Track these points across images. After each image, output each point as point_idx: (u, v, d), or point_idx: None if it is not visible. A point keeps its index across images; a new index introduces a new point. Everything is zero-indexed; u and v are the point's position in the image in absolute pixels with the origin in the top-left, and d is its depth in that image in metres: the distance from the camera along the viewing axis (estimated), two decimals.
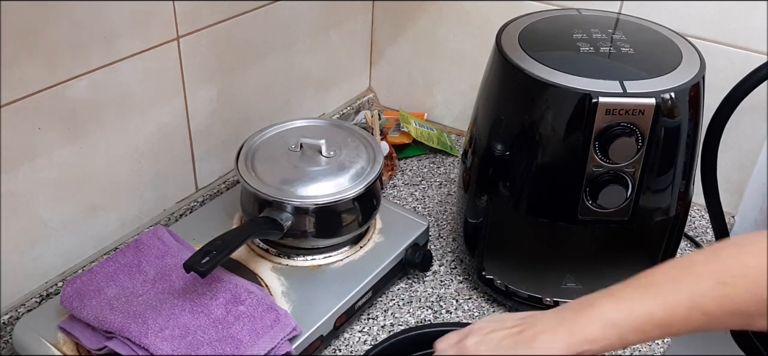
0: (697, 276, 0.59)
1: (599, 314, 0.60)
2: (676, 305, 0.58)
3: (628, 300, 0.60)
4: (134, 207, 0.97)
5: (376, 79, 1.39)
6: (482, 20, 1.19)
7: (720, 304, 0.58)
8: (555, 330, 0.63)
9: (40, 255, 0.87)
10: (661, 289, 0.60)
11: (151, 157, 0.96)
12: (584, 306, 0.62)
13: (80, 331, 0.78)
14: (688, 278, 0.59)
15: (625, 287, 0.61)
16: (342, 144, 0.94)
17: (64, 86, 0.81)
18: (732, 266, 0.59)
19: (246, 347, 0.76)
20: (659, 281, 0.60)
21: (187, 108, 0.99)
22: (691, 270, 0.60)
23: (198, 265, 0.75)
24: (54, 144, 0.83)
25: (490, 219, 0.90)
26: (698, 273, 0.59)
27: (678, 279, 0.59)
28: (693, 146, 0.84)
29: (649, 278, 0.61)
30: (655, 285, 0.60)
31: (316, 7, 1.15)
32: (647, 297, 0.60)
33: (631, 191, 0.82)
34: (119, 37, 0.86)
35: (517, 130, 0.84)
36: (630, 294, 0.60)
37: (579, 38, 0.87)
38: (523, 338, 0.64)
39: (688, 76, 0.80)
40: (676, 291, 0.59)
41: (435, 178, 1.22)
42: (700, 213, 1.14)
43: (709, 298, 0.58)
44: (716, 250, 0.61)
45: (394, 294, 0.97)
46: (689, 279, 0.59)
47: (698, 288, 0.58)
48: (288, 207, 0.88)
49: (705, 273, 0.59)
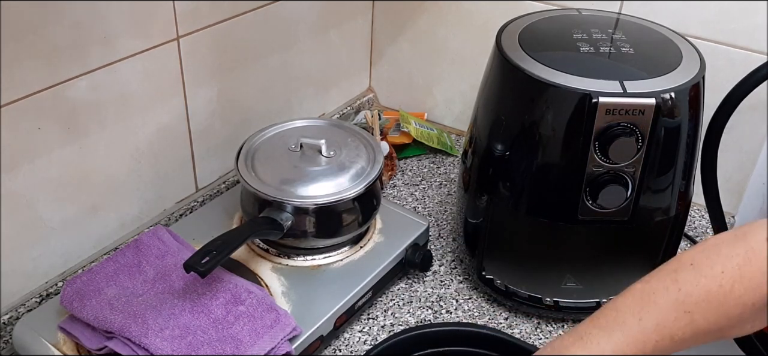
0: (659, 308, 0.58)
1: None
2: (645, 339, 0.58)
3: (597, 343, 0.59)
4: (134, 207, 0.97)
5: (376, 79, 1.39)
6: (482, 20, 1.19)
7: (688, 330, 0.58)
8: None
9: (40, 255, 0.87)
10: (627, 325, 0.59)
11: (151, 157, 0.96)
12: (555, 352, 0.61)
13: (80, 331, 0.78)
14: (651, 311, 0.58)
15: (592, 327, 0.60)
16: (342, 144, 0.94)
17: (64, 86, 0.81)
18: (692, 293, 0.58)
19: (246, 347, 0.76)
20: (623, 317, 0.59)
21: (187, 108, 0.99)
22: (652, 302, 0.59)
23: (198, 265, 0.75)
24: (54, 144, 0.83)
25: (490, 219, 0.90)
26: (660, 305, 0.58)
27: (642, 314, 0.59)
28: (693, 146, 0.84)
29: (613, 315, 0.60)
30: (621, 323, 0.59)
31: (316, 7, 1.15)
32: (615, 335, 0.59)
33: (631, 191, 0.82)
34: (119, 37, 0.86)
35: (517, 130, 0.84)
36: (598, 336, 0.60)
37: (579, 38, 0.87)
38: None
39: (688, 76, 0.80)
40: (643, 326, 0.58)
41: (435, 177, 1.22)
42: (700, 213, 1.14)
43: (676, 328, 0.58)
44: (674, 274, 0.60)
45: (394, 294, 0.97)
46: (653, 312, 0.58)
47: (663, 320, 0.58)
48: (288, 207, 0.88)
49: (667, 304, 0.58)
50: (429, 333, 0.81)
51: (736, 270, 0.57)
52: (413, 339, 0.80)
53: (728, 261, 0.58)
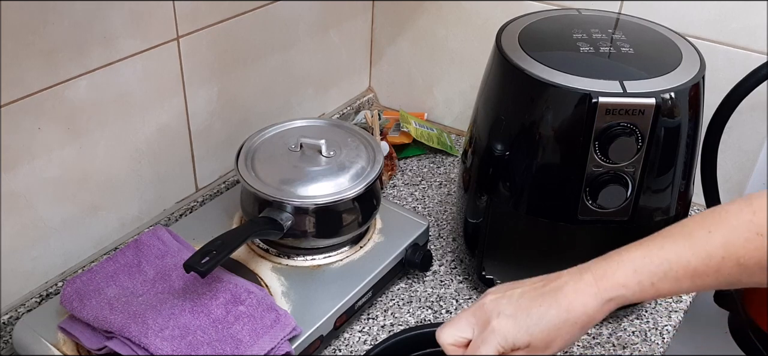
0: (731, 226, 0.57)
1: (629, 259, 0.58)
2: (711, 254, 0.57)
3: (660, 248, 0.58)
4: (134, 207, 0.97)
5: (376, 79, 1.39)
6: (482, 20, 1.19)
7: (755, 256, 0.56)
8: (581, 277, 0.60)
9: (40, 255, 0.87)
10: (695, 238, 0.57)
11: (151, 157, 0.96)
12: (612, 255, 0.60)
13: (80, 331, 0.78)
14: (723, 228, 0.57)
15: (656, 237, 0.59)
16: (342, 144, 0.94)
17: (64, 86, 0.81)
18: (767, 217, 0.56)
19: (246, 347, 0.76)
20: (692, 231, 0.58)
21: (187, 108, 0.99)
22: (725, 220, 0.58)
23: (198, 265, 0.75)
24: (54, 144, 0.83)
25: (490, 219, 0.90)
26: (733, 224, 0.57)
27: (712, 228, 0.57)
28: (693, 146, 0.84)
29: (682, 228, 0.59)
30: (689, 235, 0.58)
31: (316, 7, 1.15)
32: (680, 245, 0.58)
33: (631, 191, 0.82)
34: (119, 37, 0.86)
35: (517, 130, 0.84)
36: (661, 243, 0.58)
37: (579, 38, 0.87)
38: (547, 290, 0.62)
39: (688, 76, 0.80)
40: (711, 241, 0.57)
41: (435, 178, 1.22)
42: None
43: (744, 249, 0.56)
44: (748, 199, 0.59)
45: (394, 294, 0.97)
46: (724, 229, 0.57)
47: (733, 238, 0.57)
48: (288, 207, 0.88)
49: (740, 224, 0.57)
50: (429, 333, 0.81)
51: None
52: (413, 339, 0.80)
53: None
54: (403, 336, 0.80)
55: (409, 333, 0.81)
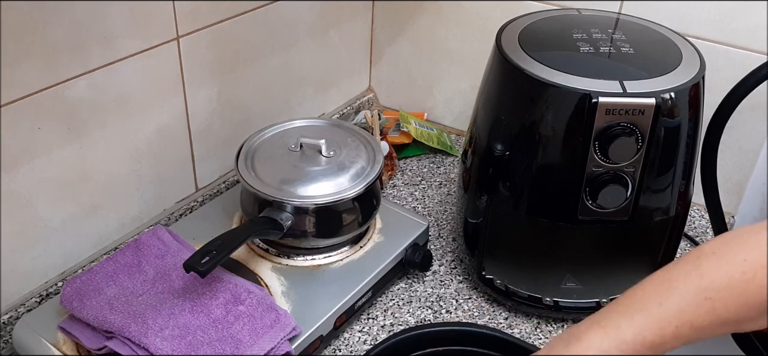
0: (681, 294, 0.58)
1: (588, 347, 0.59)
2: (666, 325, 0.58)
3: (617, 327, 0.59)
4: (134, 207, 0.97)
5: (376, 79, 1.39)
6: (482, 20, 1.19)
7: (708, 318, 0.57)
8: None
9: (40, 255, 0.87)
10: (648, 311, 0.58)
11: (151, 157, 0.96)
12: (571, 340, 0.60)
13: (80, 331, 0.78)
14: (672, 296, 0.58)
15: (611, 313, 0.60)
16: (342, 144, 0.94)
17: (64, 86, 0.81)
18: (714, 279, 0.58)
19: (246, 347, 0.76)
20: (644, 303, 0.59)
21: (187, 108, 0.99)
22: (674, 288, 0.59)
23: (198, 265, 0.75)
24: (54, 144, 0.83)
25: (490, 219, 0.90)
26: (682, 290, 0.58)
27: (662, 299, 0.58)
28: (693, 146, 0.84)
29: (633, 300, 0.60)
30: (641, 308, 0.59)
31: (316, 7, 1.15)
32: (635, 321, 0.58)
33: (631, 191, 0.82)
34: (119, 37, 0.86)
35: (517, 130, 0.84)
36: (617, 321, 0.59)
37: (579, 38, 0.87)
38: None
39: (688, 76, 0.80)
40: (663, 311, 0.58)
41: (435, 178, 1.22)
42: (700, 213, 1.14)
43: (696, 315, 0.57)
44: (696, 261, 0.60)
45: (394, 294, 0.97)
46: (674, 298, 0.58)
47: (684, 305, 0.58)
48: (288, 207, 0.88)
49: (689, 290, 0.58)
50: (429, 333, 0.81)
51: (758, 259, 0.57)
52: (413, 339, 0.80)
53: (751, 250, 0.57)
54: (403, 336, 0.80)
55: (409, 333, 0.81)
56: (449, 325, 0.87)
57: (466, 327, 0.83)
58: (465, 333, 0.81)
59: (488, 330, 0.81)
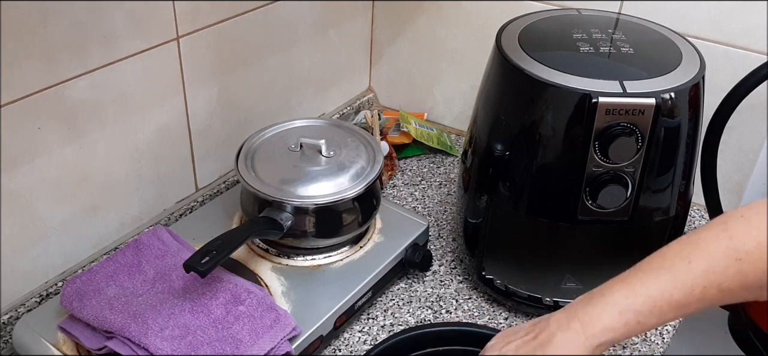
0: (710, 254, 0.58)
1: (613, 301, 0.59)
2: (692, 284, 0.57)
3: (642, 284, 0.58)
4: (134, 207, 0.97)
5: (376, 79, 1.39)
6: (482, 20, 1.19)
7: (736, 280, 0.57)
8: (569, 326, 0.61)
9: (40, 255, 0.87)
10: (675, 270, 0.58)
11: (151, 157, 0.96)
12: (595, 296, 0.60)
13: (80, 331, 0.78)
14: (701, 257, 0.58)
15: (637, 272, 0.60)
16: (342, 144, 0.94)
17: (64, 86, 0.81)
18: (745, 241, 0.57)
19: (246, 347, 0.76)
20: (672, 262, 0.59)
21: (187, 108, 0.99)
22: (703, 249, 0.58)
23: (198, 265, 0.75)
24: (54, 144, 0.83)
25: (490, 219, 0.90)
26: (711, 251, 0.58)
27: (691, 258, 0.58)
28: (693, 146, 0.84)
29: (661, 260, 0.60)
30: (668, 267, 0.59)
31: (316, 7, 1.15)
32: (662, 279, 0.58)
33: (631, 191, 0.82)
34: (119, 37, 0.86)
35: (517, 130, 0.84)
36: (643, 278, 0.59)
37: (579, 38, 0.87)
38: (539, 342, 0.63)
39: (688, 76, 0.80)
40: (691, 271, 0.57)
41: (435, 177, 1.22)
42: (700, 214, 1.14)
43: (724, 275, 0.57)
44: (724, 225, 0.59)
45: (394, 294, 0.97)
46: (703, 258, 0.58)
47: (713, 265, 0.57)
48: (288, 207, 0.88)
49: (718, 251, 0.58)
50: (429, 333, 0.81)
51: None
52: (413, 339, 0.80)
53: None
54: (403, 336, 0.80)
55: (409, 333, 0.81)
56: (449, 325, 0.87)
57: (466, 327, 0.83)
58: (465, 333, 0.81)
59: (488, 330, 0.81)
